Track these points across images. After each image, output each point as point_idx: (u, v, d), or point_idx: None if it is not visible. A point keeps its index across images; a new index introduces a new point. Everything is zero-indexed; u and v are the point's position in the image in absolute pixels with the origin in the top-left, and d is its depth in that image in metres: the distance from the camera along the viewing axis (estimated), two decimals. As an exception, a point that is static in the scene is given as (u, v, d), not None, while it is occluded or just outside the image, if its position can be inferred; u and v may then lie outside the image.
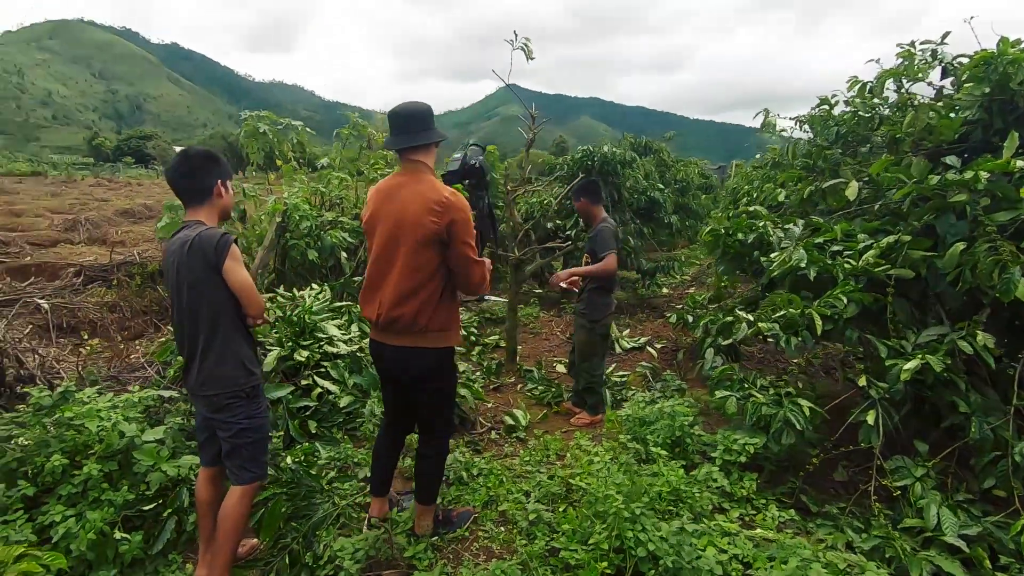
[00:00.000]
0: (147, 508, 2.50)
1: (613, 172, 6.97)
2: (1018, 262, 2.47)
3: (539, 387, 4.54)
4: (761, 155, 6.46)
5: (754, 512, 2.64)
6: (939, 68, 3.79)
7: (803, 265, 3.06)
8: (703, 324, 3.79)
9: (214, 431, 2.19)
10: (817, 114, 4.40)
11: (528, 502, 2.65)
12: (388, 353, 2.30)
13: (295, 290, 4.60)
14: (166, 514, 2.51)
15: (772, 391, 2.97)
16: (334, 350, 3.82)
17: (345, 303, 4.56)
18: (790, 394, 2.91)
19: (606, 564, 2.10)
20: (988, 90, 3.23)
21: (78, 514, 2.33)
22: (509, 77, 4.03)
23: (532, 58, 4.04)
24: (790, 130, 4.79)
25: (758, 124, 4.95)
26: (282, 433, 3.21)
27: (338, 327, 4.08)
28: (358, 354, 3.87)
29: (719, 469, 2.80)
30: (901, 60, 3.82)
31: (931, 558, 2.25)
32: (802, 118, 4.67)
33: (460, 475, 2.96)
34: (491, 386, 4.64)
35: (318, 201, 5.92)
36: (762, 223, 3.60)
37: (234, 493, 2.14)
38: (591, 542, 2.18)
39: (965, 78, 3.45)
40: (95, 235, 11.86)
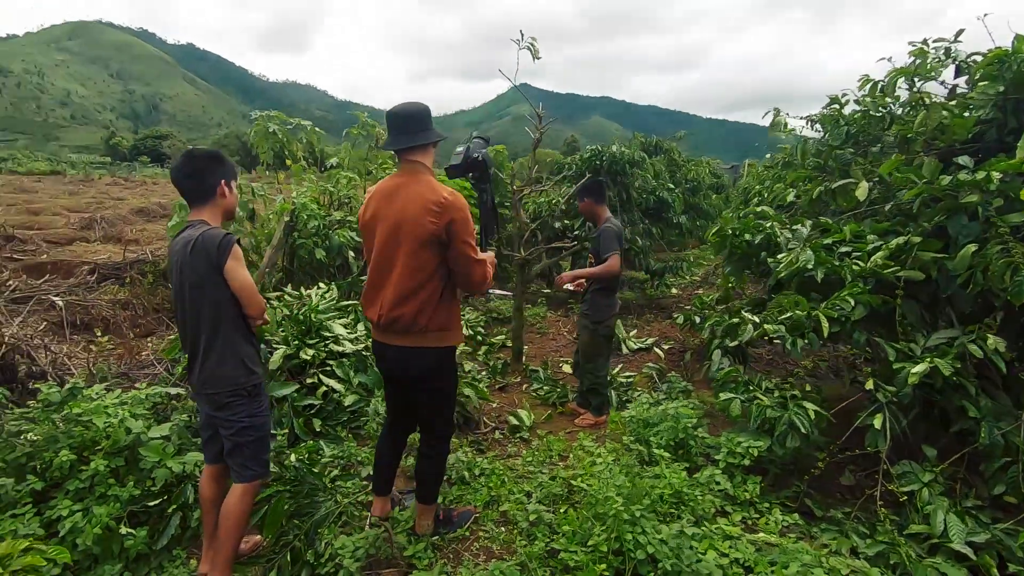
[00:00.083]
0: (152, 504, 2.53)
1: (622, 172, 6.94)
2: (1030, 264, 2.42)
3: (544, 387, 4.53)
4: (771, 155, 6.40)
5: (757, 516, 2.61)
6: (953, 66, 3.73)
7: (810, 266, 3.03)
8: (709, 325, 3.76)
9: (217, 429, 2.21)
10: (828, 113, 4.35)
11: (529, 503, 2.65)
12: (390, 353, 2.31)
13: (302, 289, 4.64)
14: (171, 510, 2.54)
15: (777, 394, 2.94)
16: (340, 349, 3.85)
17: (352, 302, 4.59)
18: (795, 397, 2.88)
19: (605, 566, 2.09)
20: (1002, 89, 3.17)
21: (85, 509, 2.37)
22: (520, 77, 4.03)
23: (538, 57, 4.04)
24: (800, 129, 4.74)
25: (780, 119, 4.87)
26: (287, 431, 3.23)
27: (344, 326, 4.10)
28: (363, 353, 3.88)
29: (722, 472, 2.77)
30: (914, 59, 3.76)
31: (937, 565, 2.21)
32: (813, 117, 4.61)
33: (462, 475, 2.96)
34: (496, 386, 4.64)
35: (327, 200, 5.96)
36: (769, 223, 3.56)
37: (236, 491, 2.16)
38: (590, 544, 2.17)
39: (979, 76, 3.39)
40: (110, 233, 12.03)
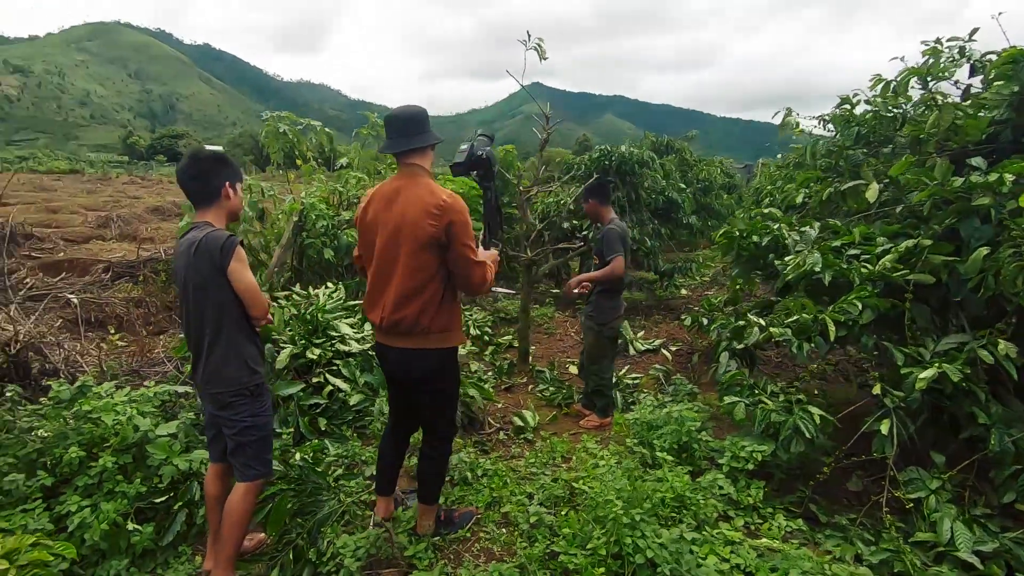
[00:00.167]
0: (159, 500, 2.57)
1: (631, 172, 6.90)
2: (1043, 268, 2.38)
3: (550, 388, 4.52)
4: (783, 155, 6.33)
5: (760, 521, 2.59)
6: (967, 66, 3.66)
7: (818, 269, 2.99)
8: (716, 327, 3.73)
9: (221, 428, 2.23)
10: (839, 113, 4.29)
11: (531, 504, 2.65)
12: (392, 355, 2.32)
13: (311, 288, 4.67)
14: (177, 507, 2.58)
15: (782, 398, 2.91)
16: (346, 348, 3.87)
17: (359, 302, 4.61)
18: (800, 401, 2.85)
19: (604, 570, 2.08)
20: (1017, 89, 3.12)
21: (93, 505, 2.41)
22: (533, 76, 4.05)
23: (545, 58, 4.03)
24: (813, 129, 4.68)
25: (790, 119, 4.80)
26: (292, 430, 3.27)
27: (351, 325, 4.13)
28: (369, 352, 3.90)
29: (726, 476, 2.75)
30: (927, 58, 3.70)
31: (942, 574, 2.18)
32: (825, 117, 4.55)
33: (464, 475, 2.97)
34: (502, 386, 4.65)
35: (336, 200, 6.00)
36: (777, 225, 3.53)
37: (239, 489, 2.18)
38: (590, 547, 2.17)
39: (993, 76, 3.33)
40: (126, 232, 12.24)
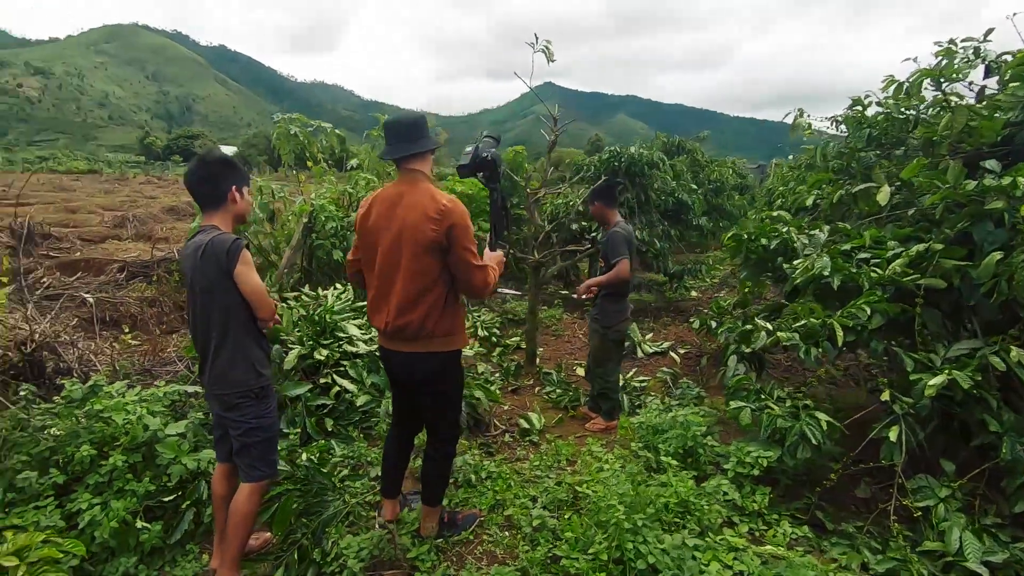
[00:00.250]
0: (167, 499, 2.61)
1: (640, 173, 6.87)
2: (1057, 274, 2.33)
3: (557, 390, 4.52)
4: (794, 156, 6.26)
5: (765, 527, 2.56)
6: (982, 67, 3.60)
7: (826, 273, 2.96)
8: (723, 331, 3.70)
9: (227, 429, 2.26)
10: (851, 115, 4.24)
11: (534, 508, 2.65)
12: (396, 359, 2.34)
13: (320, 289, 4.71)
14: (185, 505, 2.61)
15: (789, 403, 2.88)
16: (353, 349, 3.90)
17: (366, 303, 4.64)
18: (807, 407, 2.82)
19: (605, 575, 2.08)
20: (1033, 90, 3.06)
21: (103, 503, 2.45)
22: (545, 76, 4.07)
23: (553, 60, 4.03)
24: (826, 129, 4.62)
25: (801, 121, 4.75)
26: (299, 430, 3.30)
27: (358, 327, 4.15)
28: (376, 354, 3.93)
29: (731, 482, 2.73)
30: (940, 59, 3.64)
31: (950, 584, 2.14)
32: (838, 118, 4.50)
33: (469, 477, 2.97)
34: (509, 388, 4.65)
35: (346, 202, 6.04)
36: (786, 228, 3.49)
37: (244, 490, 2.21)
38: (591, 552, 2.16)
39: (1009, 77, 3.27)
40: (142, 231, 12.42)
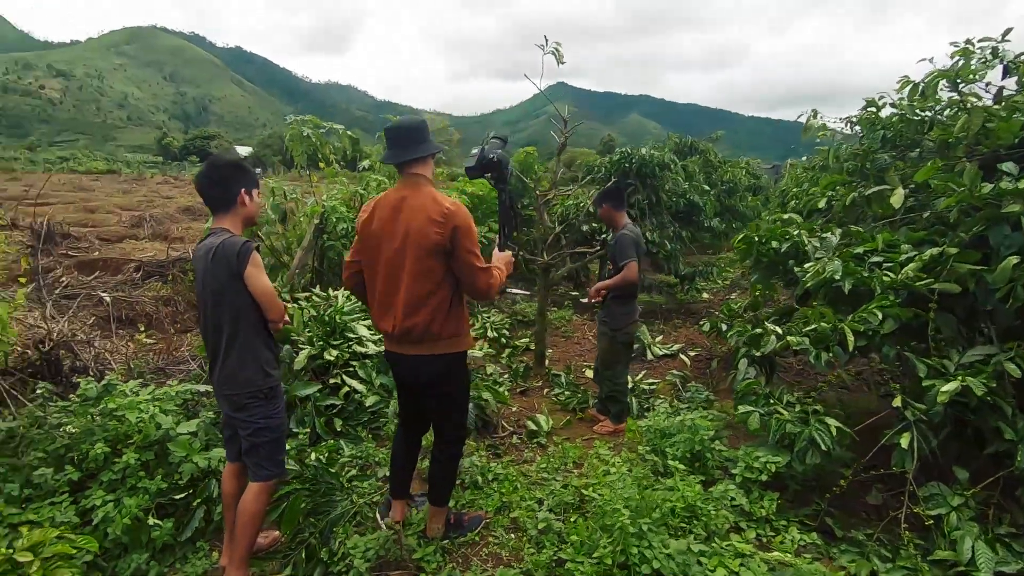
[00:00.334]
0: (179, 497, 2.65)
1: (651, 175, 6.84)
2: (1075, 280, 2.28)
3: (565, 392, 4.51)
4: (807, 157, 6.19)
5: (773, 534, 2.54)
6: (1000, 67, 3.53)
7: (838, 277, 2.93)
8: (734, 334, 3.67)
9: (237, 428, 2.29)
10: (865, 116, 4.19)
11: (540, 510, 2.65)
12: (403, 362, 2.35)
13: (330, 290, 4.75)
14: (196, 503, 2.65)
15: (798, 408, 2.86)
16: (363, 350, 3.93)
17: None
18: (817, 412, 2.79)
19: (609, 579, 2.08)
20: (1052, 91, 3.00)
21: (116, 499, 2.50)
22: (557, 76, 4.05)
23: (563, 62, 4.03)
24: (841, 129, 4.56)
25: (813, 122, 4.69)
26: (308, 430, 3.33)
27: (368, 328, 4.18)
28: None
29: (738, 487, 2.71)
30: (957, 59, 3.58)
31: (962, 594, 2.11)
32: (852, 119, 4.44)
33: (475, 479, 2.98)
34: (518, 389, 4.65)
35: (357, 203, 6.08)
36: (797, 231, 3.46)
37: (252, 489, 2.23)
38: (596, 556, 2.16)
39: (1027, 78, 3.21)
40: (158, 231, 12.60)
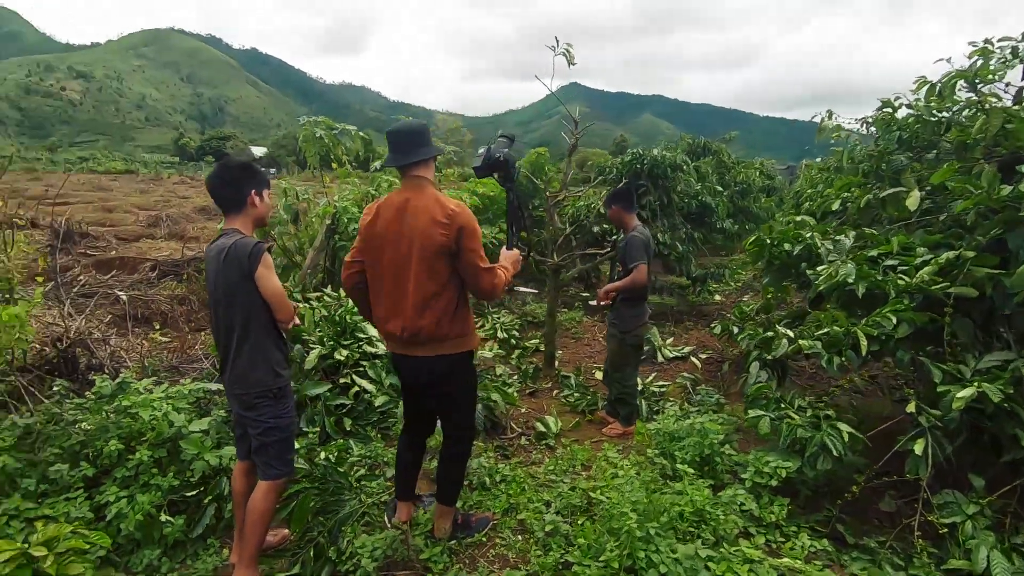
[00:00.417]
0: (190, 494, 2.69)
1: (663, 176, 6.80)
2: (1095, 285, 2.23)
3: (575, 394, 4.50)
4: (822, 158, 6.12)
5: (783, 540, 2.51)
6: (1020, 67, 3.47)
7: (851, 280, 2.89)
8: (744, 337, 3.64)
9: (247, 427, 2.32)
10: (880, 116, 4.13)
11: (547, 512, 2.65)
12: (410, 363, 2.37)
13: (341, 290, 4.78)
14: (207, 501, 2.68)
15: (810, 412, 2.82)
16: (373, 350, 3.95)
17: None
18: (829, 417, 2.76)
19: (616, 583, 2.07)
20: (1074, 91, 2.94)
21: (130, 496, 2.54)
22: (570, 77, 4.06)
23: (574, 63, 4.02)
24: (857, 129, 4.49)
25: (828, 123, 4.62)
26: (318, 429, 3.35)
27: (378, 327, 4.20)
28: (396, 355, 3.97)
29: (748, 491, 2.68)
30: (976, 59, 3.52)
31: (976, 605, 2.07)
32: (868, 119, 4.38)
33: (483, 480, 2.99)
34: (527, 391, 4.65)
35: (369, 203, 6.11)
36: (810, 233, 3.42)
37: (261, 487, 2.26)
38: (602, 559, 2.15)
39: (1049, 78, 3.15)
40: (174, 231, 12.78)
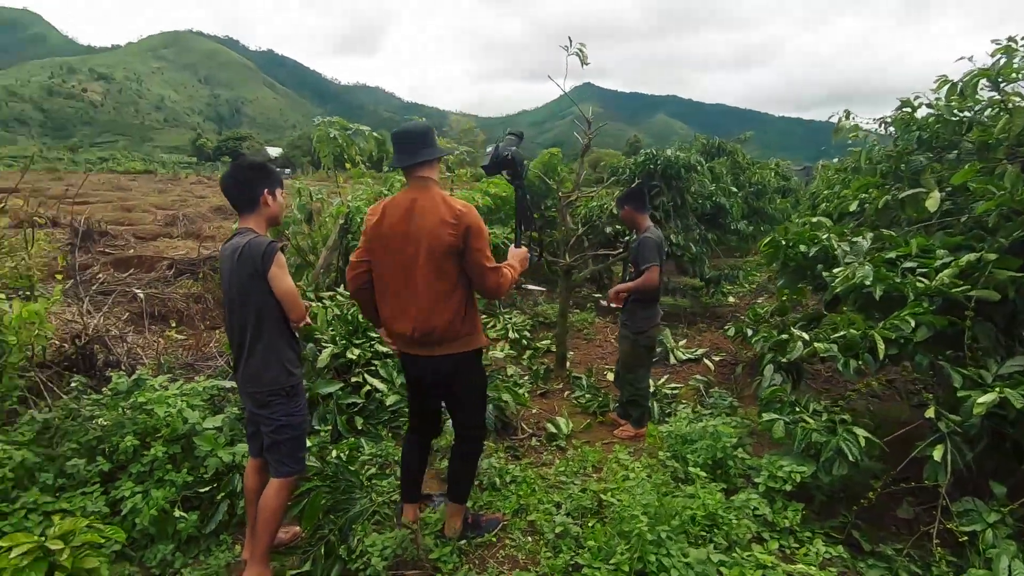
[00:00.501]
0: (204, 490, 2.72)
1: (676, 176, 6.75)
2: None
3: (586, 395, 4.48)
4: (839, 159, 6.04)
5: (796, 545, 2.48)
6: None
7: (868, 282, 2.84)
8: (758, 340, 3.60)
9: (260, 425, 2.33)
10: (899, 116, 4.05)
11: (558, 514, 2.64)
12: (420, 363, 2.38)
13: (354, 289, 4.80)
14: (220, 497, 2.71)
15: (825, 417, 2.78)
16: (384, 349, 3.96)
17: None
18: (845, 421, 2.71)
19: (626, 586, 2.05)
20: (1101, 90, 2.86)
21: (144, 491, 2.57)
22: (584, 77, 4.04)
23: (587, 63, 4.01)
24: (875, 129, 4.42)
25: (845, 123, 4.55)
26: (330, 427, 3.37)
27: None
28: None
29: (761, 496, 2.64)
30: (999, 57, 3.44)
31: (997, 615, 2.02)
32: (887, 119, 4.31)
33: (493, 481, 2.98)
34: (538, 391, 4.64)
35: (381, 203, 6.14)
36: (826, 235, 3.37)
37: (273, 485, 2.27)
38: (613, 562, 2.14)
39: (1075, 76, 3.07)
40: (191, 230, 12.95)
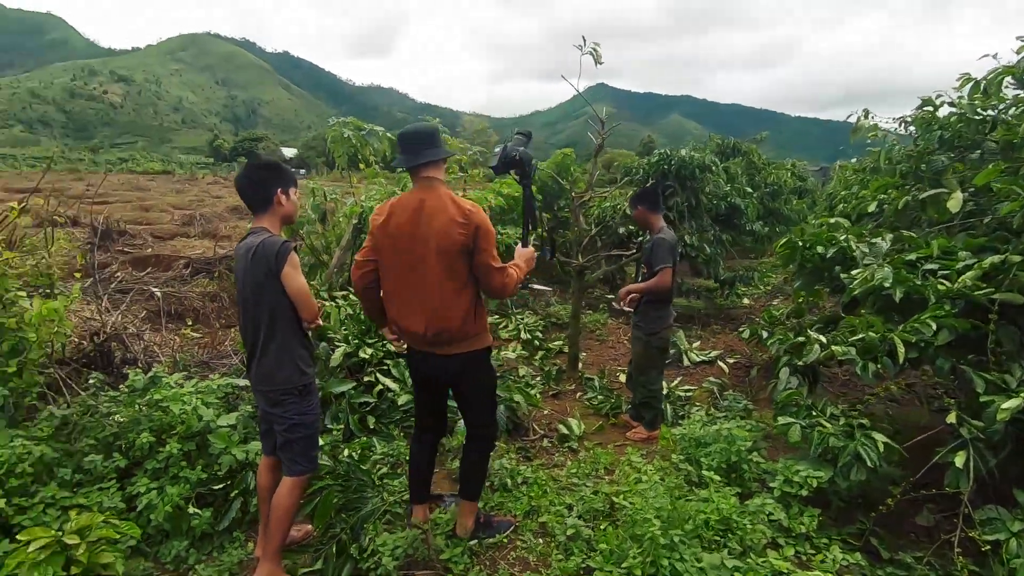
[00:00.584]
0: (217, 487, 2.74)
1: (691, 176, 6.69)
2: None
3: (598, 396, 4.45)
4: (858, 160, 5.94)
5: (813, 552, 2.43)
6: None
7: (887, 284, 2.79)
8: (774, 342, 3.54)
9: (272, 424, 2.35)
10: (920, 115, 3.98)
11: (569, 516, 2.62)
12: (431, 361, 2.39)
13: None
14: (233, 494, 2.73)
15: (843, 421, 2.73)
16: (396, 349, 3.98)
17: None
18: (863, 426, 2.66)
19: (638, 591, 2.03)
20: None
21: (160, 487, 2.60)
22: (597, 77, 4.05)
23: (601, 63, 3.98)
24: (895, 128, 4.34)
25: (864, 123, 4.47)
26: (342, 426, 3.39)
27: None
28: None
29: (777, 501, 2.60)
30: (1024, 54, 3.37)
31: (1021, 627, 1.97)
32: (907, 119, 4.23)
33: (504, 482, 2.97)
34: (550, 392, 4.62)
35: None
36: (844, 236, 3.31)
37: (285, 483, 2.28)
38: (625, 566, 2.12)
39: (1104, 74, 2.99)
40: (207, 230, 13.11)
